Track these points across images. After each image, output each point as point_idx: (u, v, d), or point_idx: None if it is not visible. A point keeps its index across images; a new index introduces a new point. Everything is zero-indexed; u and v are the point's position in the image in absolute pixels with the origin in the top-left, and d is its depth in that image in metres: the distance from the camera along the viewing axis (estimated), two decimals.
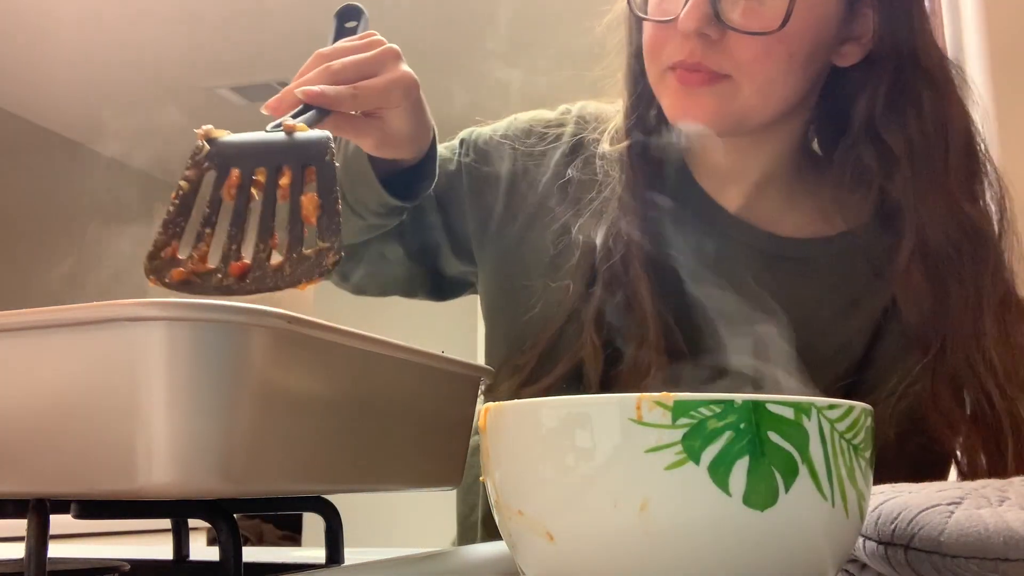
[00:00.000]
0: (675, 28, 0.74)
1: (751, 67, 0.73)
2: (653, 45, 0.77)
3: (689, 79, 0.74)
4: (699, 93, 0.74)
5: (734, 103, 0.75)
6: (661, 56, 0.76)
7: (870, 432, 0.39)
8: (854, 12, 0.77)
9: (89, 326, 0.42)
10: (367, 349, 0.52)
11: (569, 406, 0.38)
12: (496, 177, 0.90)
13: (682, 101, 0.75)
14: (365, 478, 0.56)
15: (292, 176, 0.58)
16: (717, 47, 0.73)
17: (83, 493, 0.45)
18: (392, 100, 0.73)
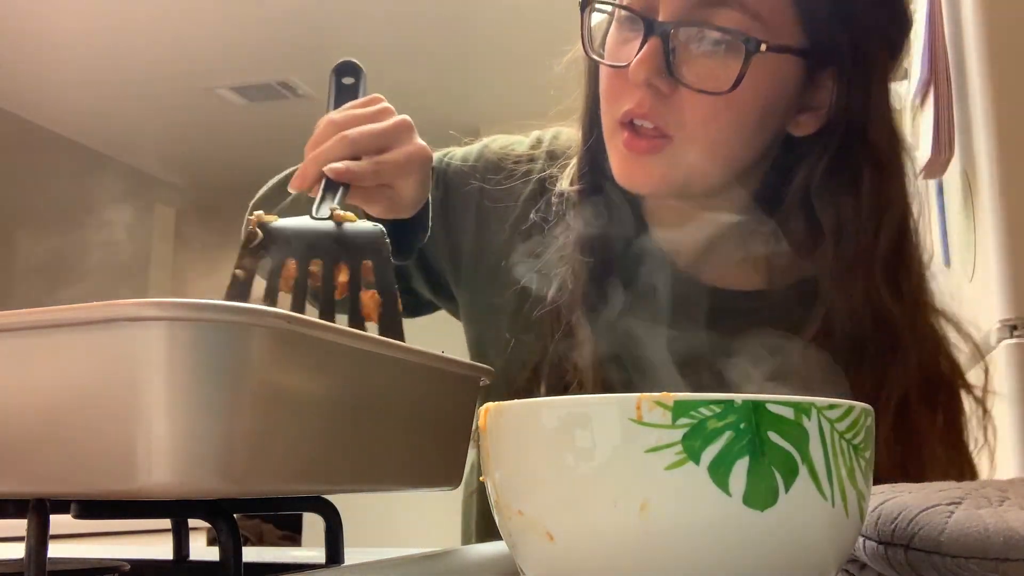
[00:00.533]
0: (622, 78, 0.72)
1: (697, 128, 0.71)
2: (609, 91, 0.75)
3: (635, 145, 0.72)
4: (645, 160, 0.73)
5: (680, 168, 0.72)
6: (615, 105, 0.74)
7: (870, 432, 0.39)
8: (814, 82, 0.75)
9: (89, 326, 0.42)
10: (367, 349, 0.52)
11: (569, 406, 0.38)
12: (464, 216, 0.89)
13: (629, 166, 0.74)
14: (365, 478, 0.56)
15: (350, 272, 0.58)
16: (667, 102, 0.71)
17: (83, 493, 0.45)
18: (409, 174, 0.75)
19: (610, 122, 0.75)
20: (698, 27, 0.70)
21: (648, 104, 0.71)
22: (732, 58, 0.69)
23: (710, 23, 0.70)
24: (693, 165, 0.72)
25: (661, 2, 0.71)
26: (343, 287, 0.58)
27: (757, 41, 0.69)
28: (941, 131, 1.35)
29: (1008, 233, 1.19)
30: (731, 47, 0.69)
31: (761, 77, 0.70)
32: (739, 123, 0.72)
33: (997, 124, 1.22)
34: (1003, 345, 1.19)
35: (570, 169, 0.84)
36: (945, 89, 1.36)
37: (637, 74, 0.70)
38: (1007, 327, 1.19)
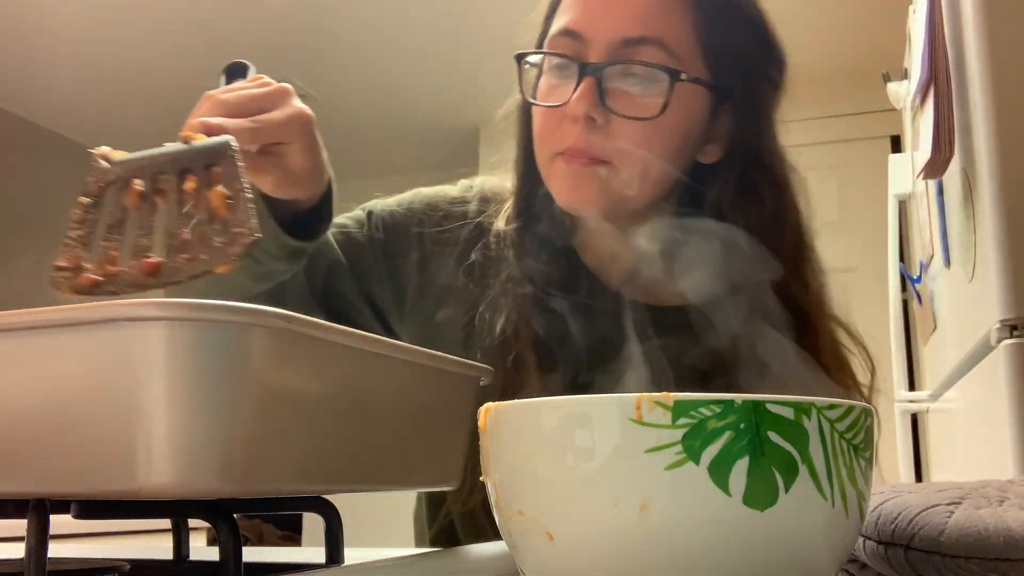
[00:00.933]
0: (564, 115, 0.80)
1: (630, 153, 0.79)
2: (544, 130, 0.84)
3: (575, 160, 0.80)
4: (584, 175, 0.80)
5: (612, 187, 0.80)
6: (551, 141, 0.82)
7: (870, 432, 0.39)
8: (716, 115, 0.85)
9: (89, 326, 0.42)
10: (367, 349, 0.52)
11: (569, 406, 0.38)
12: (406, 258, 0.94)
13: (569, 183, 0.81)
14: (365, 478, 0.56)
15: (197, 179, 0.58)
16: (601, 132, 0.79)
17: (83, 493, 0.45)
18: (290, 134, 0.75)
19: (547, 156, 0.83)
20: (626, 64, 0.79)
21: (585, 137, 0.79)
22: (656, 89, 0.79)
23: (636, 60, 0.79)
24: (625, 184, 0.80)
25: (590, 47, 0.80)
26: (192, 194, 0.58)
27: (677, 72, 0.79)
28: (941, 131, 1.35)
29: (1008, 233, 1.19)
30: (655, 80, 0.79)
31: (680, 106, 0.80)
32: (664, 147, 0.81)
33: (997, 124, 1.21)
34: (1003, 345, 1.19)
35: (505, 210, 0.92)
36: (945, 89, 1.36)
37: (577, 109, 0.78)
38: (1007, 327, 1.19)
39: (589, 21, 0.81)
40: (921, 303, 1.91)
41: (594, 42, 0.80)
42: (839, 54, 3.29)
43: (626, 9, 0.80)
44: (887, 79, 2.04)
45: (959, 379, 1.56)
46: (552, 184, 0.83)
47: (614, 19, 0.80)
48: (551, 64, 0.83)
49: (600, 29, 0.80)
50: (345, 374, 0.52)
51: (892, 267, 2.13)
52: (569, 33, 0.82)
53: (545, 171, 0.84)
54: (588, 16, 0.81)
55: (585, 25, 0.81)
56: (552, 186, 0.83)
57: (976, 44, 1.26)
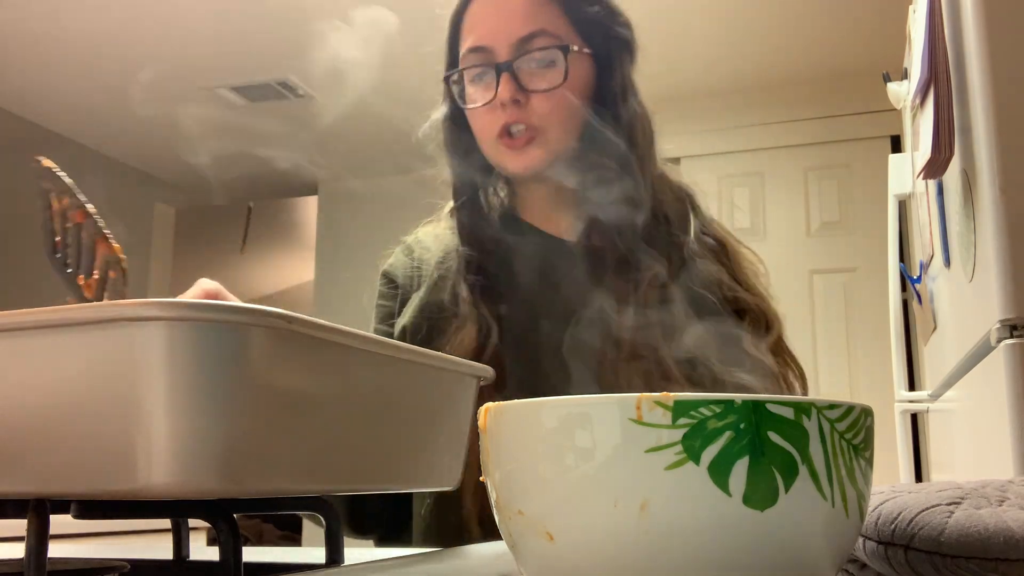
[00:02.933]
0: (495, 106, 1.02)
1: (552, 115, 1.02)
2: (483, 124, 1.05)
3: (515, 143, 1.03)
4: (526, 149, 1.03)
5: (548, 146, 1.03)
6: (492, 129, 1.04)
7: (870, 432, 0.39)
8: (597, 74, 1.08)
9: (89, 326, 0.42)
10: (367, 349, 0.52)
11: (569, 406, 0.38)
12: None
13: (517, 158, 1.04)
14: (365, 478, 0.56)
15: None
16: (526, 108, 1.02)
17: (83, 493, 0.45)
18: None
19: (490, 140, 1.05)
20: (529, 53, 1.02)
21: (516, 114, 1.02)
22: (557, 65, 1.03)
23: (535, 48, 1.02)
24: (556, 141, 1.03)
25: (496, 52, 1.03)
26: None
27: (567, 47, 1.03)
28: (941, 131, 1.35)
29: (1008, 233, 1.19)
30: (552, 59, 1.03)
31: (575, 73, 1.03)
32: (573, 104, 1.03)
33: (997, 124, 1.21)
34: (1003, 345, 1.19)
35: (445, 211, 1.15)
36: (945, 89, 1.36)
37: (504, 95, 1.01)
38: (1007, 327, 1.19)
39: (489, 34, 1.04)
40: (921, 303, 1.91)
41: (498, 48, 1.03)
42: (839, 54, 3.29)
43: (513, 16, 1.04)
44: (887, 79, 2.04)
45: (959, 379, 1.56)
46: (503, 162, 1.05)
47: (506, 26, 1.03)
48: (471, 76, 1.06)
49: (499, 37, 1.03)
50: (345, 374, 0.52)
51: (892, 267, 2.13)
52: (477, 49, 1.04)
53: (492, 153, 1.06)
54: (487, 31, 1.04)
55: (487, 39, 1.04)
56: (504, 163, 1.05)
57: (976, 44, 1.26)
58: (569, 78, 1.02)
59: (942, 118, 1.35)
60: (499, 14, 1.05)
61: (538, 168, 1.04)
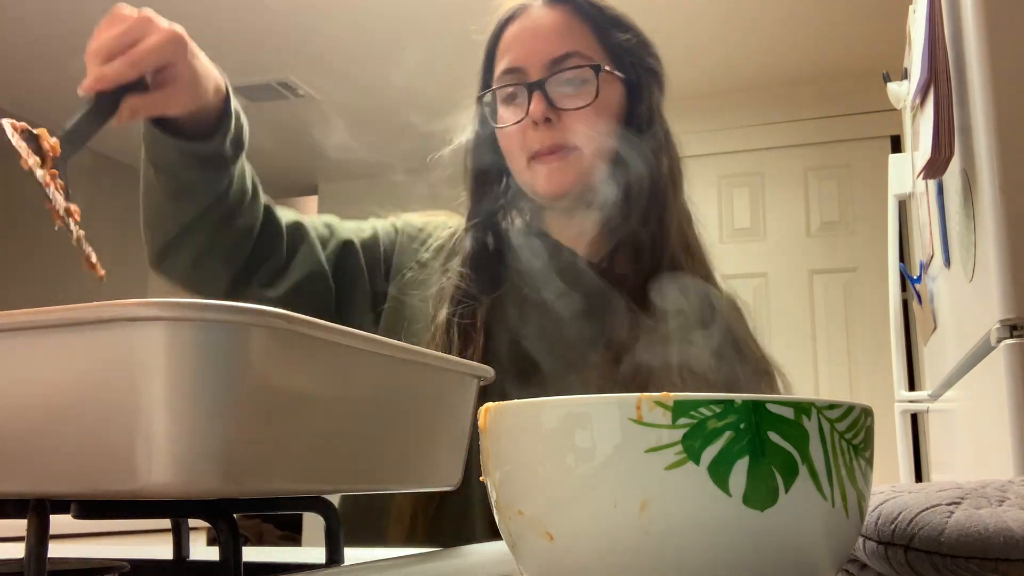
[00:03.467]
0: (526, 127, 1.03)
1: (583, 135, 1.02)
2: (513, 145, 1.05)
3: (551, 159, 1.02)
4: (561, 168, 1.03)
5: (583, 166, 1.03)
6: (523, 150, 1.04)
7: (870, 432, 0.39)
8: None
9: (89, 326, 0.42)
10: (366, 349, 0.52)
11: (569, 406, 0.38)
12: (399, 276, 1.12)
13: (551, 177, 1.03)
14: (365, 478, 0.56)
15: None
16: (559, 128, 1.02)
17: (83, 493, 0.45)
18: (167, 55, 0.83)
19: (523, 163, 1.05)
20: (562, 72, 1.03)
21: (550, 135, 1.02)
22: (588, 84, 1.03)
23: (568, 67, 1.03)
24: (589, 160, 1.03)
25: (530, 73, 1.04)
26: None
27: (599, 66, 1.04)
28: (941, 131, 1.35)
29: (1008, 233, 1.19)
30: (584, 78, 1.03)
31: (607, 92, 1.04)
32: (604, 125, 1.03)
33: (997, 124, 1.21)
34: (1003, 345, 1.19)
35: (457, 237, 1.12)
36: (945, 89, 1.36)
37: (536, 114, 1.01)
38: (1007, 327, 1.19)
39: (524, 56, 1.04)
40: (921, 303, 1.91)
41: (532, 68, 1.04)
42: (839, 54, 3.29)
43: (548, 37, 1.05)
44: (887, 79, 2.04)
45: (959, 379, 1.56)
46: (535, 182, 1.04)
47: (540, 47, 1.04)
48: (503, 96, 1.07)
49: (533, 58, 1.04)
50: (345, 374, 0.52)
51: (892, 267, 2.13)
52: (512, 71, 1.05)
53: (524, 175, 1.06)
54: (523, 52, 1.05)
55: (522, 60, 1.04)
56: (535, 184, 1.04)
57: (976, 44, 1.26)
58: (600, 97, 1.03)
59: (942, 118, 1.35)
60: (534, 36, 1.05)
61: (570, 189, 1.04)
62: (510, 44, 1.07)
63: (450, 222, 1.15)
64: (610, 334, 0.96)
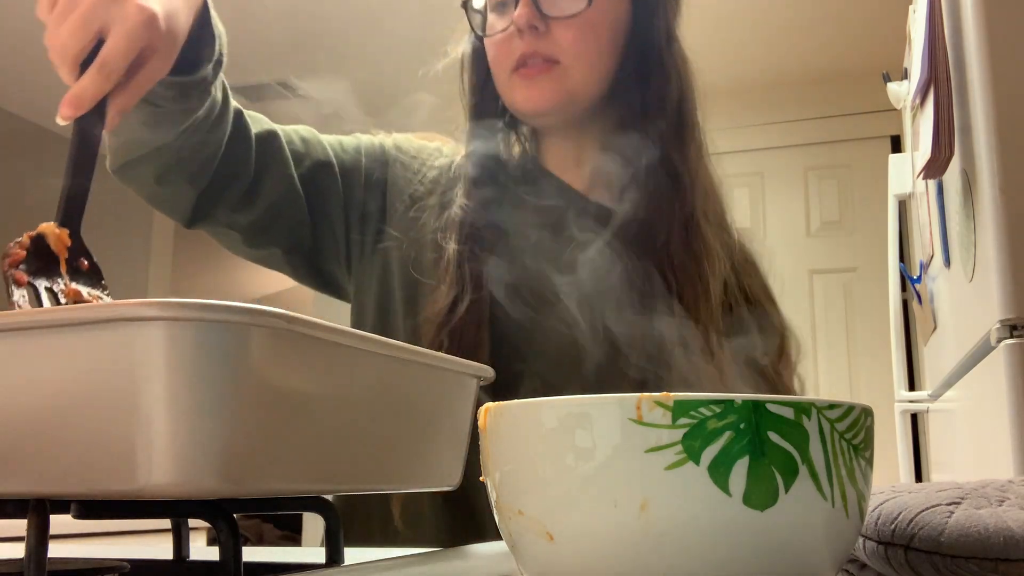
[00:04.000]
0: (512, 34, 0.93)
1: (574, 47, 0.92)
2: (499, 54, 0.96)
3: (530, 72, 0.93)
4: (540, 81, 0.93)
5: (567, 84, 0.93)
6: (506, 59, 0.95)
7: (870, 432, 0.39)
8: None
9: (89, 326, 0.42)
10: (366, 349, 0.52)
11: (569, 406, 0.38)
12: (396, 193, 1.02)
13: (528, 91, 0.94)
14: (365, 478, 0.56)
15: None
16: (546, 37, 0.92)
17: (83, 493, 0.45)
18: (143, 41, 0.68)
19: (505, 75, 0.95)
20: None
21: (534, 44, 0.92)
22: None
23: None
24: (576, 78, 0.93)
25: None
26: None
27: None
28: (941, 131, 1.35)
29: (1008, 233, 1.19)
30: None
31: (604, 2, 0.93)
32: (599, 38, 0.94)
33: (997, 124, 1.21)
34: (1003, 345, 1.19)
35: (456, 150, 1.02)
36: (945, 89, 1.36)
37: (521, 21, 0.91)
38: (1007, 327, 1.19)
39: None
40: (921, 303, 1.91)
41: None
42: (839, 54, 3.29)
43: None
44: (887, 79, 2.04)
45: (959, 379, 1.56)
46: (514, 97, 0.96)
47: None
48: (492, 3, 0.97)
49: None
50: (345, 374, 0.52)
51: (892, 267, 2.13)
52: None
53: (505, 89, 0.97)
54: None
55: None
56: (514, 99, 0.96)
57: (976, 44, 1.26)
58: (595, 5, 0.92)
59: (942, 118, 1.35)
60: None
61: (549, 106, 0.94)
62: None
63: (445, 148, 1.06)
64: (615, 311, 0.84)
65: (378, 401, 0.55)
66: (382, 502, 0.93)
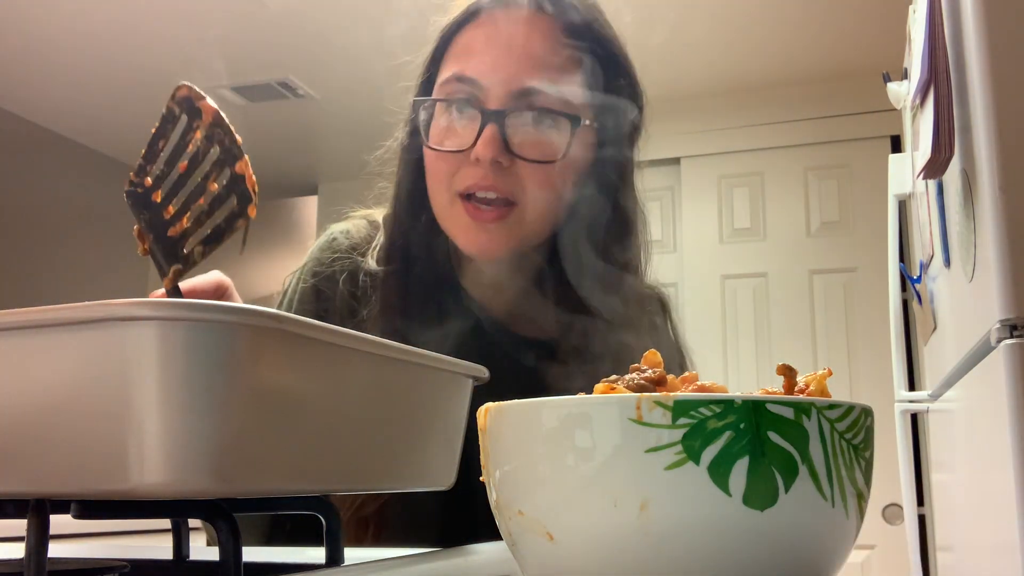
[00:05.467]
0: (466, 158, 0.82)
1: (536, 192, 0.82)
2: (441, 172, 0.84)
3: (482, 216, 0.82)
4: (494, 229, 0.82)
5: (521, 230, 0.83)
6: (452, 182, 0.83)
7: (870, 432, 0.39)
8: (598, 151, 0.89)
9: (82, 326, 0.42)
10: (358, 349, 0.52)
11: (569, 406, 0.37)
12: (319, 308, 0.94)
13: (475, 236, 0.83)
14: (358, 478, 0.56)
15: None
16: (507, 173, 0.82)
17: (79, 493, 0.44)
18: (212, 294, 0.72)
19: (446, 198, 0.84)
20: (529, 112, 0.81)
21: (491, 178, 0.81)
22: (557, 132, 0.82)
23: (540, 107, 0.82)
24: (530, 224, 0.84)
25: (488, 93, 0.82)
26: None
27: (578, 118, 0.83)
28: (941, 131, 1.35)
29: (1008, 233, 1.19)
30: (556, 125, 0.82)
31: (577, 148, 0.84)
32: (564, 186, 0.84)
33: (997, 124, 1.21)
34: (1003, 345, 1.19)
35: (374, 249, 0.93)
36: (945, 89, 1.36)
37: (484, 154, 0.80)
38: (1007, 327, 1.19)
39: (486, 69, 0.83)
40: (921, 303, 1.91)
41: (492, 88, 0.82)
42: (839, 54, 3.29)
43: (522, 58, 0.82)
44: (887, 79, 2.04)
45: (959, 379, 1.56)
46: (454, 230, 0.85)
47: (511, 68, 0.82)
48: (444, 107, 0.85)
49: (498, 77, 0.82)
50: (337, 374, 0.52)
51: (892, 267, 2.13)
52: (465, 79, 0.83)
53: (444, 213, 0.86)
54: (484, 64, 0.83)
55: (482, 72, 0.83)
56: (454, 231, 0.85)
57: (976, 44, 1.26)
58: (570, 155, 0.83)
59: (942, 118, 1.35)
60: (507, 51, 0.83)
61: (500, 255, 0.85)
62: (472, 46, 0.85)
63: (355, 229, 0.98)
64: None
65: (371, 401, 0.55)
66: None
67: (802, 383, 0.43)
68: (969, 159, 1.30)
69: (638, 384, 0.42)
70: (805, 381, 0.43)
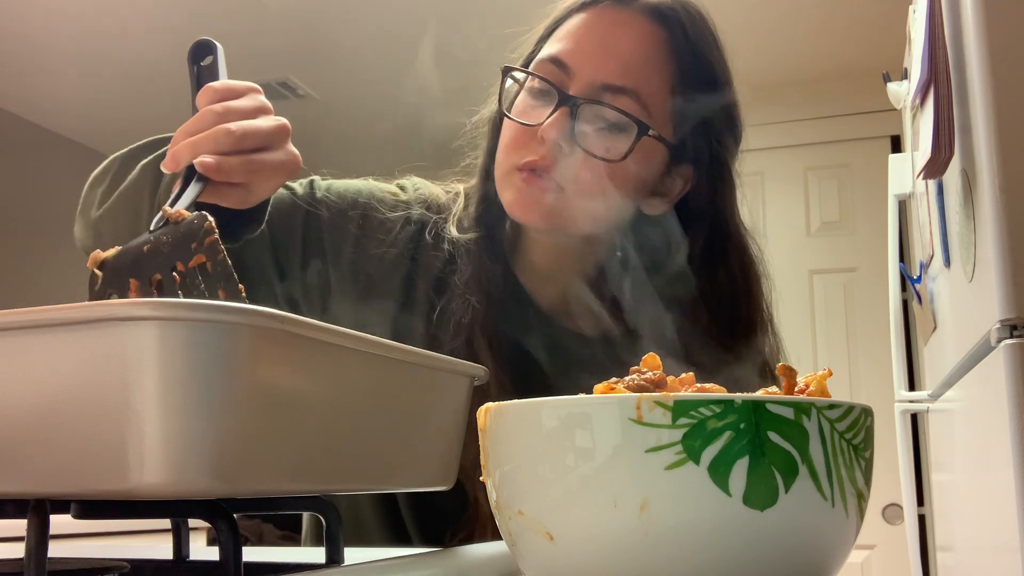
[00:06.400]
0: (535, 134, 0.85)
1: (585, 185, 0.84)
2: (513, 143, 0.88)
3: (534, 182, 0.85)
4: (536, 194, 0.85)
5: (563, 212, 0.86)
6: (516, 153, 0.87)
7: (870, 432, 0.39)
8: (670, 173, 0.91)
9: (81, 326, 0.42)
10: (359, 349, 0.52)
11: (569, 406, 0.37)
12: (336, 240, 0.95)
13: (524, 197, 0.86)
14: (358, 478, 0.56)
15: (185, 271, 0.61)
16: (566, 159, 0.85)
17: (79, 493, 0.44)
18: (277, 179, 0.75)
19: (508, 166, 0.88)
20: (602, 106, 0.85)
21: (551, 158, 0.85)
22: (624, 135, 0.85)
23: (613, 106, 0.84)
24: (573, 213, 0.86)
25: (573, 79, 0.86)
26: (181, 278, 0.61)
27: (646, 127, 0.85)
28: (941, 131, 1.35)
29: (1008, 233, 1.19)
30: (624, 127, 0.85)
31: (641, 156, 0.86)
32: (616, 190, 0.86)
33: (997, 124, 1.21)
34: (1003, 345, 1.19)
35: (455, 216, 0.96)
36: (945, 89, 1.36)
37: (549, 132, 0.84)
38: (1007, 327, 1.19)
39: (579, 57, 0.86)
40: (921, 303, 1.91)
41: (578, 77, 0.86)
42: (839, 54, 3.29)
43: (615, 57, 0.86)
44: (887, 79, 2.04)
45: (959, 379, 1.56)
46: (505, 194, 0.88)
47: (602, 62, 0.86)
48: (532, 85, 0.89)
49: (587, 67, 0.86)
50: (337, 374, 0.52)
51: (892, 267, 2.13)
52: (557, 62, 0.87)
53: (502, 180, 0.89)
54: (579, 52, 0.87)
55: (574, 59, 0.86)
56: (505, 195, 0.88)
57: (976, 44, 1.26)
58: (629, 159, 0.84)
59: (942, 118, 1.35)
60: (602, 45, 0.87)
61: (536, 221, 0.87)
62: (575, 32, 0.88)
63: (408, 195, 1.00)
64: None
65: (371, 401, 0.55)
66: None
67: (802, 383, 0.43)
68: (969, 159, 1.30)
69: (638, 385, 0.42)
70: (805, 381, 0.43)
